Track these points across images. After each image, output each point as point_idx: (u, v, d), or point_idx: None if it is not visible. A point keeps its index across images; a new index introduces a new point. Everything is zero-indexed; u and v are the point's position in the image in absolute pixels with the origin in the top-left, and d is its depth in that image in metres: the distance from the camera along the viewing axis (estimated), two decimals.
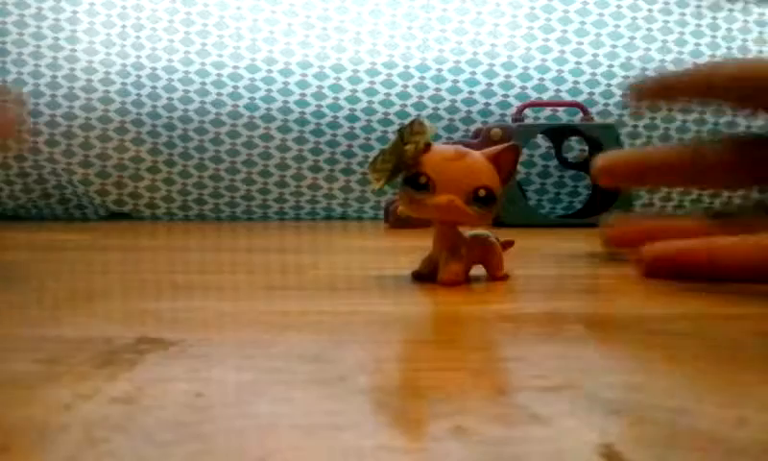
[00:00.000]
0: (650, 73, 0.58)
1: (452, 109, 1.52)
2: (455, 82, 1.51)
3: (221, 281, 0.53)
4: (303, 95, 1.48)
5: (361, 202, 1.50)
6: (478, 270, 0.57)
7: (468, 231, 0.54)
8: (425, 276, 0.54)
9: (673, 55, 1.53)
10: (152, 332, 0.34)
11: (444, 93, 1.51)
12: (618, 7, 1.55)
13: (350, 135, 1.49)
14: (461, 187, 0.49)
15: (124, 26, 1.46)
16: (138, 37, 1.46)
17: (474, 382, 0.25)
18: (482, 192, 0.49)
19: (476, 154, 0.50)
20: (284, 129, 1.48)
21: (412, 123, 0.50)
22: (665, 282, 0.52)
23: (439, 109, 1.51)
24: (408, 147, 0.49)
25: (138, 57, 1.45)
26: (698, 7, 1.50)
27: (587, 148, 1.46)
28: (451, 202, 0.49)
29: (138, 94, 1.45)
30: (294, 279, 0.55)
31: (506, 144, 0.51)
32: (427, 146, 0.50)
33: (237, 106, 1.47)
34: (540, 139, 1.51)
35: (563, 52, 1.53)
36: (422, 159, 0.49)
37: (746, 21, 1.57)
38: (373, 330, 0.34)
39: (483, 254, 0.55)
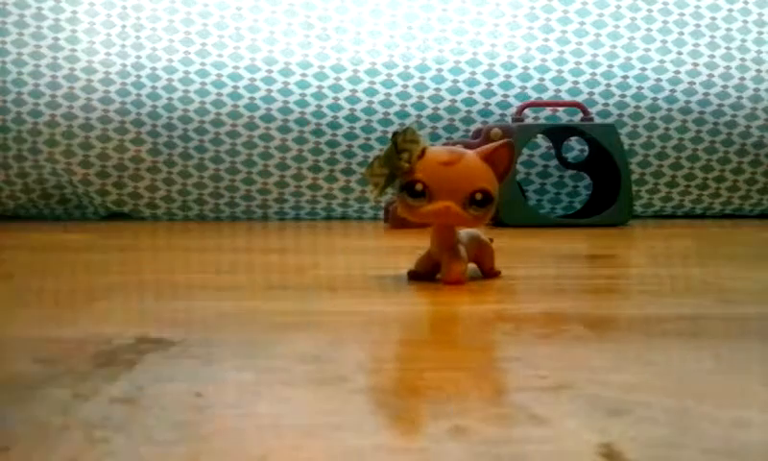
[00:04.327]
0: None
1: (452, 109, 1.52)
2: (455, 82, 1.51)
3: (221, 281, 0.53)
4: (303, 95, 1.48)
5: (361, 202, 1.50)
6: (471, 268, 0.57)
7: (461, 231, 0.54)
8: (422, 275, 0.55)
9: (673, 55, 1.53)
10: (152, 332, 0.34)
11: (443, 93, 1.51)
12: (618, 7, 1.54)
13: (350, 135, 1.49)
14: (457, 193, 0.49)
15: (124, 26, 1.46)
16: (138, 37, 1.46)
17: (474, 382, 0.25)
18: (478, 195, 0.49)
19: (471, 155, 0.50)
20: (284, 129, 1.48)
21: (405, 130, 0.50)
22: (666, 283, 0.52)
23: (439, 108, 1.51)
24: (403, 155, 0.49)
25: (138, 57, 1.45)
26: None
27: (586, 148, 1.46)
28: (448, 208, 0.49)
29: (138, 94, 1.45)
30: (294, 278, 0.55)
31: (500, 141, 0.51)
32: (422, 151, 0.50)
33: (237, 106, 1.47)
34: (540, 139, 1.50)
35: (562, 52, 1.53)
36: (418, 166, 0.49)
37: (745, 21, 1.57)
38: (373, 330, 0.34)
39: (477, 252, 0.56)
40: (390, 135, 0.48)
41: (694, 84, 1.54)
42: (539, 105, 1.45)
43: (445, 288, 0.50)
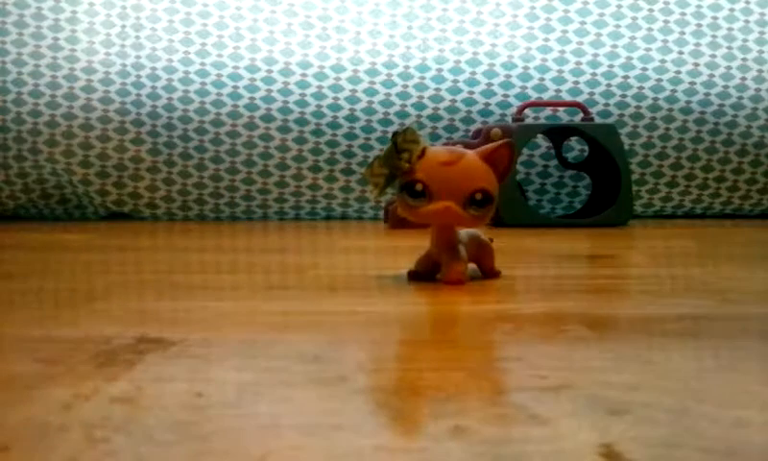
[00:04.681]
0: None
1: (452, 109, 1.52)
2: (455, 82, 1.51)
3: (221, 281, 0.53)
4: (303, 95, 1.48)
5: (361, 202, 1.50)
6: (471, 268, 0.57)
7: (461, 231, 0.54)
8: (422, 275, 0.55)
9: (674, 55, 1.53)
10: (152, 332, 0.34)
11: (443, 93, 1.51)
12: (619, 7, 1.54)
13: (350, 135, 1.49)
14: (457, 193, 0.49)
15: (124, 26, 1.46)
16: (138, 37, 1.46)
17: (474, 382, 0.25)
18: (478, 195, 0.49)
19: (471, 155, 0.50)
20: (284, 129, 1.48)
21: (405, 130, 0.50)
22: (667, 283, 0.52)
23: (439, 108, 1.51)
24: (403, 155, 0.49)
25: (138, 57, 1.45)
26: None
27: (586, 148, 1.46)
28: (448, 208, 0.49)
29: (138, 94, 1.45)
30: (294, 278, 0.55)
31: (500, 141, 0.51)
32: (422, 151, 0.50)
33: (237, 106, 1.47)
34: (540, 139, 1.50)
35: (563, 52, 1.53)
36: (418, 166, 0.49)
37: (747, 21, 1.57)
38: (373, 330, 0.34)
39: (477, 252, 0.56)
40: (390, 135, 0.48)
41: (695, 84, 1.54)
42: (539, 105, 1.45)
43: (445, 288, 0.50)
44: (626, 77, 1.54)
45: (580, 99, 1.51)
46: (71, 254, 0.73)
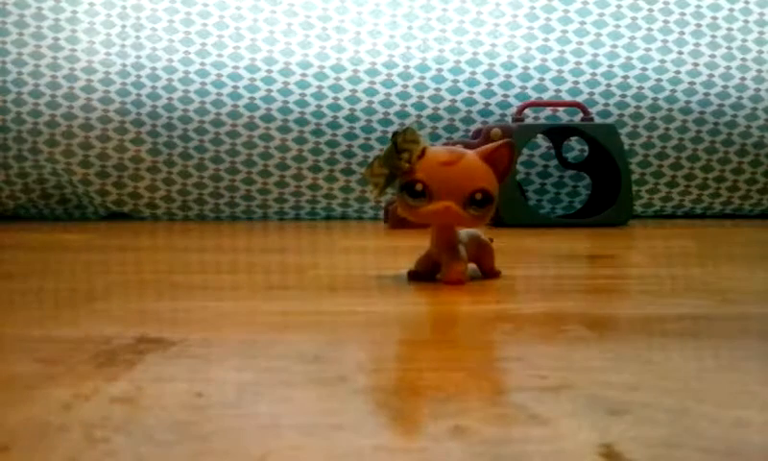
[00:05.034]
0: None
1: (452, 109, 1.52)
2: (455, 82, 1.51)
3: (221, 281, 0.53)
4: (303, 95, 1.48)
5: (361, 202, 1.50)
6: (471, 268, 0.57)
7: (461, 231, 0.54)
8: (422, 275, 0.55)
9: (673, 55, 1.53)
10: (152, 332, 0.34)
11: (443, 93, 1.51)
12: (619, 7, 1.54)
13: (350, 135, 1.49)
14: (457, 193, 0.49)
15: (124, 26, 1.46)
16: (138, 37, 1.46)
17: (474, 382, 0.25)
18: (478, 195, 0.49)
19: (471, 155, 0.50)
20: (284, 129, 1.48)
21: (405, 130, 0.50)
22: (667, 282, 0.52)
23: (439, 108, 1.51)
24: (403, 155, 0.49)
25: (138, 57, 1.45)
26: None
27: (586, 148, 1.46)
28: (448, 208, 0.49)
29: (138, 94, 1.45)
30: (294, 278, 0.55)
31: (500, 141, 0.51)
32: (422, 151, 0.50)
33: (237, 106, 1.47)
34: (540, 139, 1.50)
35: (563, 52, 1.53)
36: (418, 166, 0.49)
37: (746, 21, 1.57)
38: (373, 330, 0.34)
39: (477, 252, 0.56)
40: (390, 135, 0.48)
41: (695, 84, 1.54)
42: (539, 105, 1.44)
43: (445, 288, 0.50)
44: (626, 77, 1.54)
45: (580, 99, 1.51)
46: (71, 254, 0.73)
